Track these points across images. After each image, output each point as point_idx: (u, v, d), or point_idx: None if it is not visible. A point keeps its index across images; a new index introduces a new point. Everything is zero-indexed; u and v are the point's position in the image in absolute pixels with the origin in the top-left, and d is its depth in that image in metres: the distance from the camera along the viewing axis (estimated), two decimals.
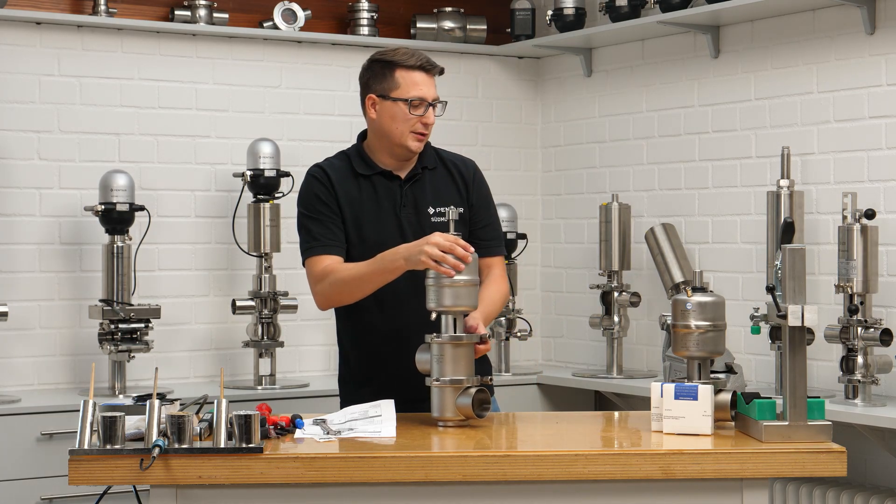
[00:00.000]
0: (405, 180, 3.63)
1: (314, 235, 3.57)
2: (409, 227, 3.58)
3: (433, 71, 3.61)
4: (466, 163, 3.76)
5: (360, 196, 3.60)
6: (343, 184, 3.60)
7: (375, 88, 3.61)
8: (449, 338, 3.23)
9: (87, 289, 5.00)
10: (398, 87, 3.57)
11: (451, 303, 3.24)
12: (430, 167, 3.67)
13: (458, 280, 3.23)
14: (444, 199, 3.62)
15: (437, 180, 3.66)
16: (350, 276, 3.49)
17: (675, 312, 3.14)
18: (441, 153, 3.74)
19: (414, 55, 3.59)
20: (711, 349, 3.12)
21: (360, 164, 3.63)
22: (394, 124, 3.58)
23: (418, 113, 3.57)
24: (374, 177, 3.62)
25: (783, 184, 4.54)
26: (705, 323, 3.11)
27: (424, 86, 3.58)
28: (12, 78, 4.94)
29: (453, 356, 3.22)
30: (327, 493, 2.84)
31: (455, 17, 5.74)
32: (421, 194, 3.61)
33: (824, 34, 4.70)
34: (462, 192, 3.67)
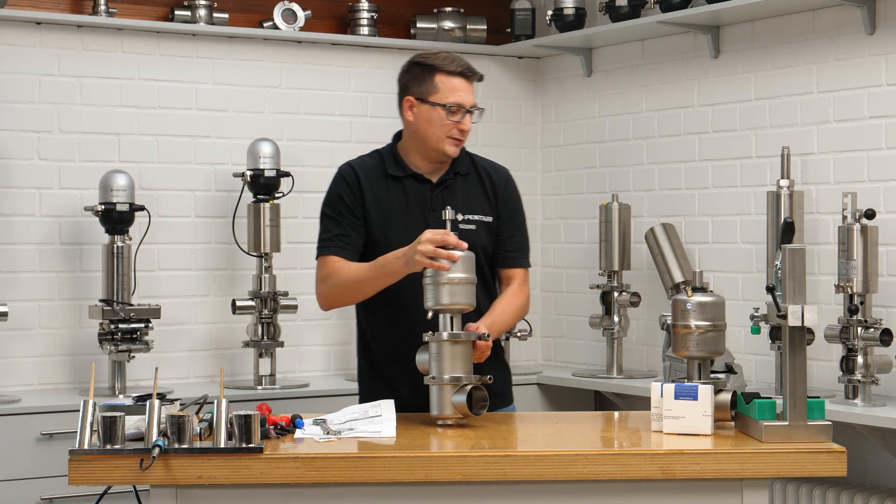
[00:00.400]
0: (436, 185, 3.61)
1: (329, 235, 3.59)
2: None
3: (473, 77, 3.60)
4: (499, 171, 3.74)
5: (389, 198, 3.59)
6: (372, 185, 3.60)
7: (414, 91, 3.59)
8: (446, 336, 3.23)
9: (87, 289, 5.00)
10: (437, 91, 3.56)
11: (448, 301, 3.25)
12: (462, 173, 3.65)
13: (454, 278, 3.24)
14: (473, 205, 3.62)
15: (468, 187, 3.65)
16: (350, 278, 3.50)
17: (675, 312, 3.14)
18: (475, 159, 3.72)
19: (455, 60, 3.58)
20: (711, 349, 3.12)
21: (392, 165, 3.63)
22: (430, 128, 3.57)
23: (455, 119, 3.55)
24: (406, 179, 3.61)
25: (783, 184, 4.54)
26: (705, 323, 3.11)
27: (463, 92, 3.56)
28: (12, 78, 4.94)
29: (451, 354, 3.22)
30: (327, 493, 2.84)
31: (455, 17, 5.74)
32: (451, 200, 3.58)
33: (824, 34, 4.70)
34: (491, 200, 3.66)
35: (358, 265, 3.52)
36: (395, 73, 5.59)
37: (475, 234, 3.57)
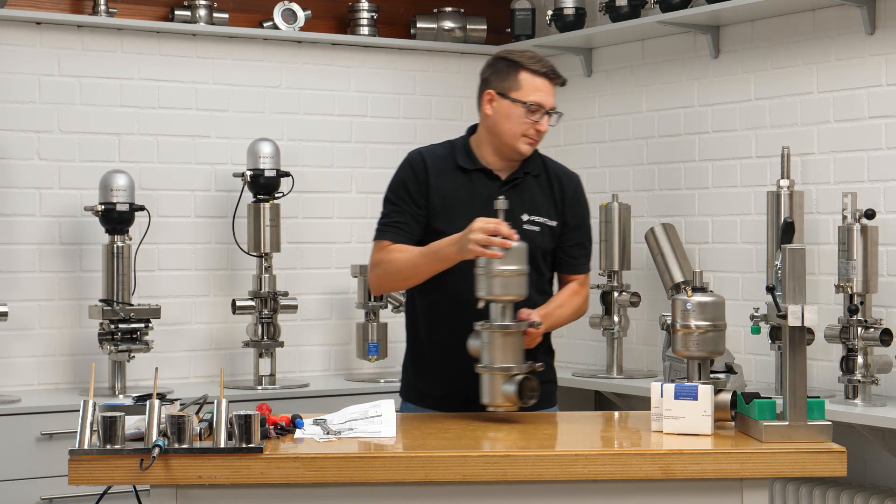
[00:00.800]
0: (505, 182, 3.59)
1: (388, 220, 3.56)
2: None
3: (556, 80, 3.58)
4: (570, 177, 3.72)
5: (455, 190, 3.56)
6: (440, 175, 3.57)
7: (495, 85, 3.57)
8: (498, 326, 3.26)
9: (87, 289, 5.00)
10: (519, 88, 3.53)
11: (500, 291, 3.27)
12: (533, 174, 3.63)
13: (506, 269, 3.26)
14: (538, 208, 3.60)
15: (537, 188, 3.62)
16: (403, 264, 3.50)
17: (675, 312, 3.14)
18: (547, 162, 3.70)
19: (540, 61, 3.56)
20: (711, 349, 3.12)
21: (463, 156, 3.60)
22: (507, 124, 3.54)
23: (534, 118, 3.53)
24: (474, 173, 3.59)
25: (783, 184, 4.54)
26: (705, 323, 3.11)
27: (545, 93, 3.54)
28: (12, 78, 4.94)
29: (502, 344, 3.26)
30: (327, 493, 2.84)
31: (455, 17, 5.74)
32: (517, 199, 3.56)
33: (824, 34, 4.70)
34: (558, 204, 3.63)
35: (411, 250, 3.50)
36: (395, 73, 5.67)
37: (538, 235, 3.56)
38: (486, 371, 3.27)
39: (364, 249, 5.52)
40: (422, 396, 3.61)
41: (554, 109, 3.56)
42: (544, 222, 3.59)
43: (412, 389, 3.66)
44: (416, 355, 3.67)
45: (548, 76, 3.55)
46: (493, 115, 3.57)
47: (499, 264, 3.25)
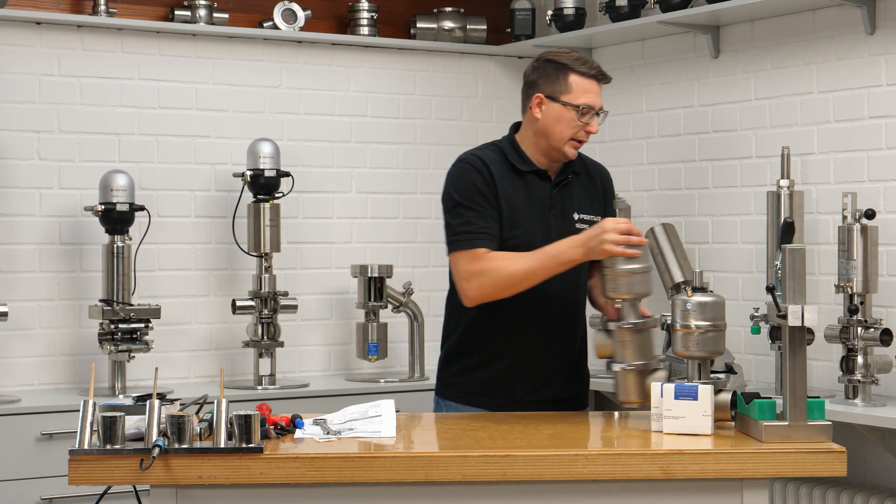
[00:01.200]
0: (555, 183, 3.59)
1: (473, 227, 3.47)
2: (555, 231, 3.53)
3: (604, 80, 3.58)
4: (603, 170, 3.76)
5: (515, 193, 3.54)
6: (501, 178, 3.54)
7: (544, 88, 3.54)
8: (628, 324, 3.32)
9: (87, 289, 5.00)
10: (570, 91, 3.51)
11: (626, 291, 3.32)
12: (577, 172, 3.64)
13: (634, 268, 3.31)
14: (586, 205, 3.62)
15: (582, 186, 3.65)
16: (515, 271, 3.42)
17: (675, 312, 3.14)
18: (582, 157, 3.70)
19: (587, 62, 3.55)
20: (711, 349, 3.12)
21: (515, 158, 3.57)
22: (557, 127, 3.52)
23: (585, 120, 3.52)
24: (529, 175, 3.57)
25: (783, 184, 4.54)
26: (705, 323, 3.11)
27: (595, 94, 3.53)
28: (12, 78, 4.94)
29: (634, 341, 3.32)
30: (327, 493, 2.84)
31: (455, 17, 5.74)
32: (568, 198, 3.59)
33: (824, 34, 4.70)
34: (601, 200, 3.68)
35: (519, 257, 3.44)
36: (395, 73, 5.66)
37: None
38: (622, 369, 3.33)
39: (364, 249, 5.53)
40: (473, 395, 3.60)
41: (602, 110, 3.56)
42: (592, 219, 3.60)
43: (464, 388, 3.62)
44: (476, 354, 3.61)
45: (596, 77, 3.54)
46: (542, 118, 3.54)
47: (623, 263, 3.30)
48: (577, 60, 3.54)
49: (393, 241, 5.61)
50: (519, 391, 3.55)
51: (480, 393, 3.58)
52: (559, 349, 3.59)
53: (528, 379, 3.55)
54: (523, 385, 3.55)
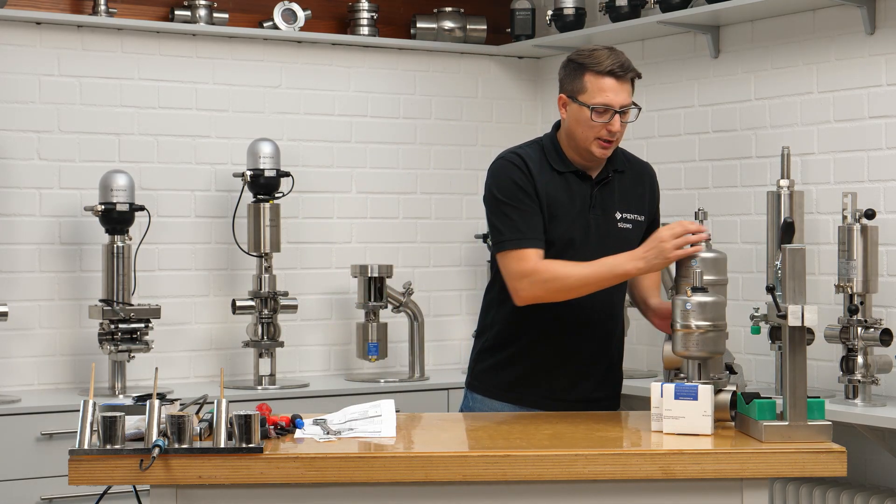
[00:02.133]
0: (596, 182, 3.55)
1: (518, 226, 3.45)
2: (595, 231, 3.51)
3: (626, 76, 3.47)
4: (649, 169, 3.72)
5: (556, 192, 3.51)
6: (541, 176, 3.51)
7: (566, 88, 3.52)
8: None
9: (87, 289, 5.00)
10: (585, 91, 3.46)
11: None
12: (619, 170, 3.60)
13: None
14: (629, 204, 3.58)
15: (624, 184, 3.60)
16: (571, 279, 3.40)
17: (675, 312, 3.14)
18: (628, 155, 3.67)
19: (608, 59, 3.45)
20: (712, 349, 3.12)
21: (555, 158, 3.55)
22: (578, 128, 3.49)
23: (602, 120, 3.45)
24: (568, 174, 3.54)
25: (783, 184, 4.54)
26: (706, 323, 3.11)
27: (612, 92, 3.44)
28: (12, 78, 4.94)
29: None
30: (327, 493, 2.84)
31: (455, 17, 5.74)
32: (609, 198, 3.55)
33: (824, 34, 4.70)
34: (647, 199, 3.64)
35: (574, 264, 3.42)
36: (395, 72, 5.66)
37: (630, 232, 3.55)
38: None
39: (364, 249, 5.53)
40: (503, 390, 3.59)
41: (627, 106, 3.47)
42: (635, 219, 3.58)
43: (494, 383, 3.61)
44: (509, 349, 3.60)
45: (613, 73, 3.45)
46: (567, 119, 3.53)
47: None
48: (597, 58, 3.46)
49: (393, 241, 5.61)
50: (551, 389, 3.55)
51: (510, 389, 3.57)
52: (595, 349, 3.58)
53: (560, 377, 3.55)
54: (555, 383, 3.55)
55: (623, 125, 3.48)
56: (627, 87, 3.48)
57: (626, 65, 3.48)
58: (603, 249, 3.47)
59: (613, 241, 3.51)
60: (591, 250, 3.47)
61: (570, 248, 3.47)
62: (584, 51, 3.54)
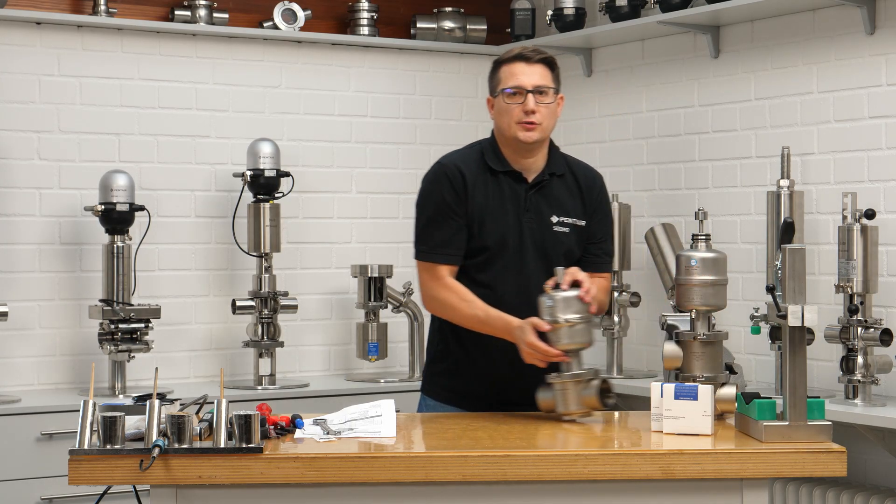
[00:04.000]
0: (531, 185, 3.57)
1: (435, 240, 3.53)
2: (528, 233, 3.54)
3: (533, 59, 3.55)
4: (594, 175, 3.71)
5: (488, 194, 3.54)
6: (475, 180, 3.55)
7: (490, 89, 3.61)
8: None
9: (87, 289, 5.00)
10: (500, 81, 3.55)
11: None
12: (558, 174, 3.62)
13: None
14: (566, 208, 3.58)
15: (562, 188, 3.61)
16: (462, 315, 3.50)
17: (543, 311, 3.26)
18: (570, 161, 3.69)
19: (518, 49, 3.58)
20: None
21: (492, 158, 3.58)
22: (501, 119, 3.55)
23: (517, 102, 3.50)
24: (503, 176, 3.56)
25: (783, 184, 4.54)
26: (574, 316, 3.26)
27: (523, 75, 3.52)
28: (12, 78, 4.94)
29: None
30: (327, 493, 2.84)
31: (455, 17, 5.74)
32: (545, 201, 3.57)
33: (824, 34, 4.70)
34: (586, 203, 3.63)
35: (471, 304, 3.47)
36: (395, 72, 5.67)
37: (567, 237, 3.56)
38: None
39: (364, 249, 5.53)
40: (455, 396, 3.60)
41: (539, 87, 3.52)
42: (573, 223, 3.58)
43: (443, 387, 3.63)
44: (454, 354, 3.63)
45: (521, 57, 3.54)
46: (494, 117, 3.59)
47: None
48: (506, 53, 3.59)
49: (393, 241, 5.61)
50: (497, 395, 3.52)
51: (460, 395, 3.57)
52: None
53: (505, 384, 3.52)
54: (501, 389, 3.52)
55: (543, 107, 3.52)
56: (539, 70, 3.55)
57: (536, 49, 3.59)
58: (539, 252, 3.52)
59: (550, 245, 3.54)
60: (527, 253, 3.52)
61: (503, 251, 3.51)
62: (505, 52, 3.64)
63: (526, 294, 3.43)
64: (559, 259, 3.49)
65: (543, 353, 3.30)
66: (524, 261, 3.50)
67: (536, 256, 3.51)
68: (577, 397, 3.29)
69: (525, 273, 3.48)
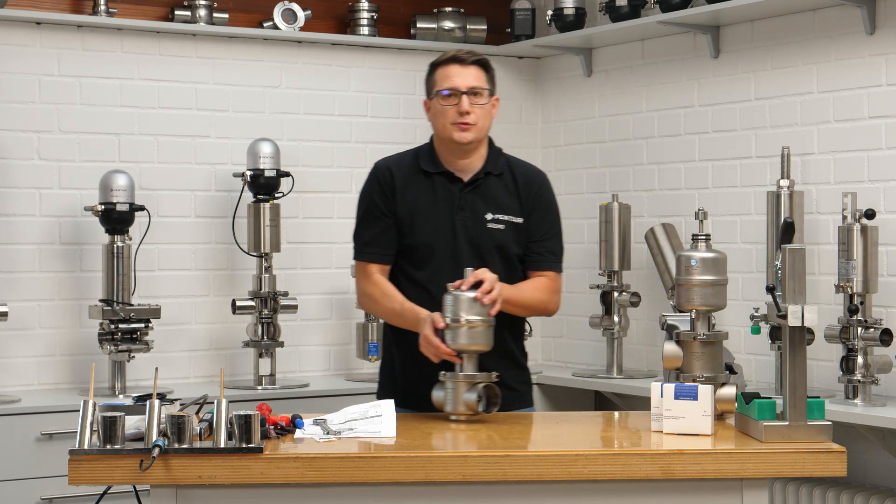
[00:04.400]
0: (466, 184, 3.62)
1: (364, 239, 3.66)
2: (462, 232, 3.58)
3: (466, 60, 3.60)
4: (535, 173, 3.74)
5: (419, 195, 3.61)
6: (405, 181, 3.63)
7: (426, 91, 3.66)
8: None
9: (87, 289, 5.00)
10: (435, 83, 3.61)
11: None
12: (495, 173, 3.65)
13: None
14: (502, 206, 3.63)
15: (499, 187, 3.65)
16: (384, 311, 3.62)
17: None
18: (511, 161, 3.73)
19: (452, 51, 3.63)
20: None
21: (426, 161, 3.66)
22: (437, 121, 3.61)
23: (451, 103, 3.56)
24: (437, 176, 3.63)
25: (783, 184, 4.54)
26: (475, 317, 3.29)
27: (457, 77, 3.58)
28: (12, 78, 4.94)
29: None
30: (327, 493, 2.84)
31: (455, 17, 5.74)
32: (480, 200, 3.61)
33: (824, 34, 4.70)
34: (524, 201, 3.65)
35: (390, 298, 3.57)
36: (395, 72, 5.67)
37: (502, 233, 3.60)
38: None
39: None
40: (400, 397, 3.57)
41: (474, 89, 3.57)
42: (509, 220, 3.63)
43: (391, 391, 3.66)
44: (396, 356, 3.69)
45: (455, 59, 3.60)
46: (430, 119, 3.66)
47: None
48: (440, 56, 3.63)
49: None
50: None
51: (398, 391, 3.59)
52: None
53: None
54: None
55: (478, 108, 3.57)
56: (473, 72, 3.59)
57: (469, 51, 3.63)
58: (473, 250, 3.57)
59: (484, 242, 3.59)
60: (460, 250, 3.57)
61: (435, 249, 3.58)
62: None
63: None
64: (493, 257, 3.56)
65: (436, 348, 3.35)
66: (457, 258, 3.56)
67: (470, 253, 3.57)
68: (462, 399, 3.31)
69: (459, 270, 3.49)
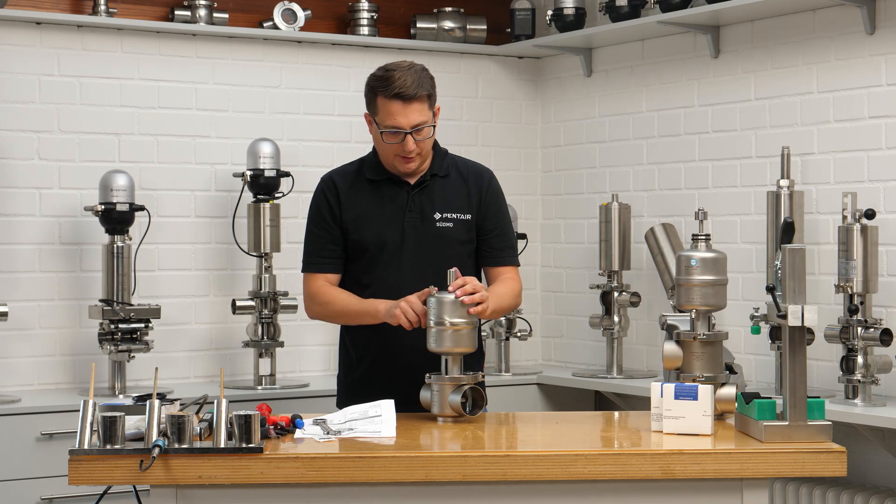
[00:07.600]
0: (414, 186, 3.66)
1: (310, 251, 3.71)
2: (411, 232, 3.63)
3: (410, 97, 3.53)
4: (481, 171, 3.77)
5: (365, 200, 3.65)
6: (349, 191, 3.67)
7: (367, 108, 3.67)
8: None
9: (87, 289, 5.00)
10: (378, 113, 3.61)
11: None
12: (440, 175, 3.69)
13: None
14: (452, 205, 3.66)
15: (447, 187, 3.69)
16: (340, 310, 3.64)
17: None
18: (457, 161, 3.76)
19: (396, 81, 3.52)
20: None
21: (371, 169, 3.70)
22: (379, 147, 3.66)
23: (395, 141, 3.56)
24: (383, 182, 3.67)
25: (783, 184, 4.54)
26: (460, 320, 3.30)
27: (399, 115, 3.54)
28: (12, 78, 4.94)
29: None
30: (327, 493, 2.84)
31: (455, 17, 5.74)
32: (428, 200, 3.65)
33: (824, 34, 4.70)
34: (472, 199, 3.69)
35: (347, 298, 3.61)
36: None
37: (451, 231, 3.65)
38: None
39: None
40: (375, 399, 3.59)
41: (417, 126, 3.54)
42: (457, 217, 3.66)
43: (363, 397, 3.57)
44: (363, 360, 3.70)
45: (400, 97, 3.53)
46: (373, 137, 3.68)
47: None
48: (386, 81, 3.55)
49: None
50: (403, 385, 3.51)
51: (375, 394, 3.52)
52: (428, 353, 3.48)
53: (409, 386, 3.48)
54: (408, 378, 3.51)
55: (421, 143, 3.57)
56: (417, 107, 3.55)
57: (414, 84, 3.53)
58: (423, 248, 3.61)
59: (433, 240, 3.63)
60: (410, 250, 3.61)
61: (383, 250, 3.62)
62: (378, 72, 3.62)
63: (408, 289, 3.48)
64: (443, 254, 3.58)
65: (417, 310, 3.36)
66: (409, 257, 3.60)
67: (422, 252, 3.60)
68: (447, 401, 3.32)
69: (410, 269, 3.55)
